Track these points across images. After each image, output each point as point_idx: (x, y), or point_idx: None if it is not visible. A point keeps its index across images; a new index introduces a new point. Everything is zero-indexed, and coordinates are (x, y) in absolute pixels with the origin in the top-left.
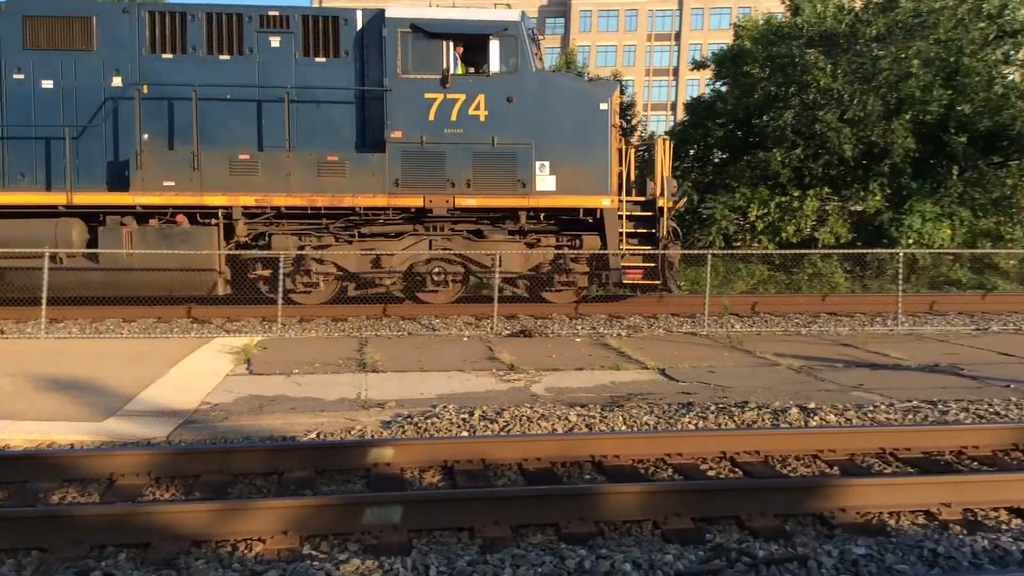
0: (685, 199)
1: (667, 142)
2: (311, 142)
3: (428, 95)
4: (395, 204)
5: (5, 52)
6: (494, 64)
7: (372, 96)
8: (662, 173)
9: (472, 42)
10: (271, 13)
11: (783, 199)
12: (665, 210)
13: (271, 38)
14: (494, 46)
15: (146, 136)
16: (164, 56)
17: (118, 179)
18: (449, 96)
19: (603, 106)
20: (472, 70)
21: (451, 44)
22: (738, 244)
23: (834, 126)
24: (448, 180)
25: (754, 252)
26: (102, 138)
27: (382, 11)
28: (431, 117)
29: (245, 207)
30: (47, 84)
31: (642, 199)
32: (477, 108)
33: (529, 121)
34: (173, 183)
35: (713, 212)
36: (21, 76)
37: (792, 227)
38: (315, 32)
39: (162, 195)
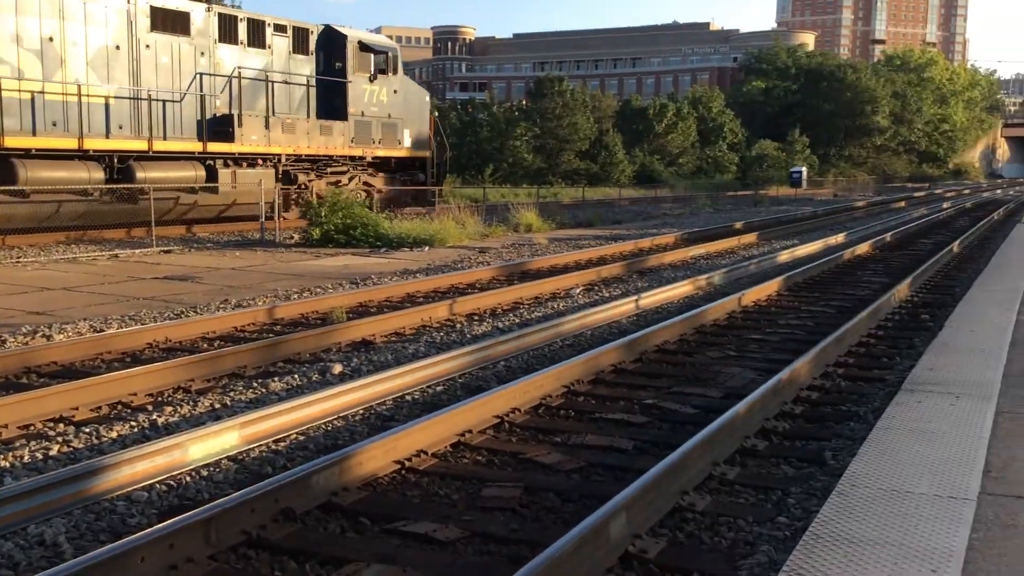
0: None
1: (434, 116)
2: (316, 114)
3: (364, 87)
4: (350, 154)
5: (135, 31)
6: (390, 70)
7: (334, 87)
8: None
9: (380, 55)
10: (272, 20)
11: None
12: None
13: (272, 33)
14: (391, 59)
15: (253, 105)
16: (228, 47)
17: (216, 135)
18: (371, 88)
19: (427, 98)
20: (376, 73)
21: (372, 56)
22: None
23: None
24: (371, 139)
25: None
26: (194, 105)
27: (328, 27)
28: (365, 100)
29: (287, 155)
30: (164, 60)
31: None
32: (382, 96)
33: (401, 105)
34: (255, 137)
35: None
36: (149, 51)
37: None
38: (295, 37)
39: (256, 147)
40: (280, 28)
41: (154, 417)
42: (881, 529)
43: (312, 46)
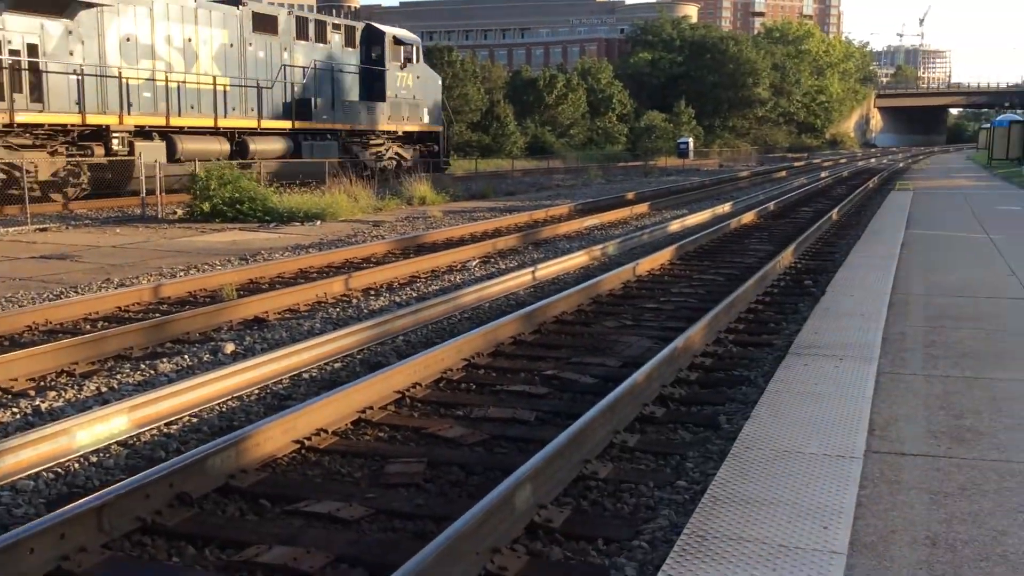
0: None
1: (444, 96)
2: (360, 96)
3: (396, 73)
4: (388, 128)
5: (243, 32)
6: (414, 59)
7: (375, 74)
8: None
9: (408, 47)
10: (333, 20)
11: None
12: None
13: (323, 29)
14: (415, 50)
15: (321, 91)
16: (301, 43)
17: (298, 114)
18: (401, 74)
19: (439, 82)
20: (404, 62)
21: (402, 47)
22: None
23: None
24: (402, 116)
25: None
26: (281, 91)
27: (368, 24)
28: (397, 84)
29: (346, 130)
30: (260, 55)
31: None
32: (408, 81)
33: (421, 87)
34: (325, 116)
35: None
36: (252, 48)
37: None
38: (346, 34)
39: (326, 124)
40: (336, 27)
41: (37, 403)
42: (775, 489)
43: (357, 40)
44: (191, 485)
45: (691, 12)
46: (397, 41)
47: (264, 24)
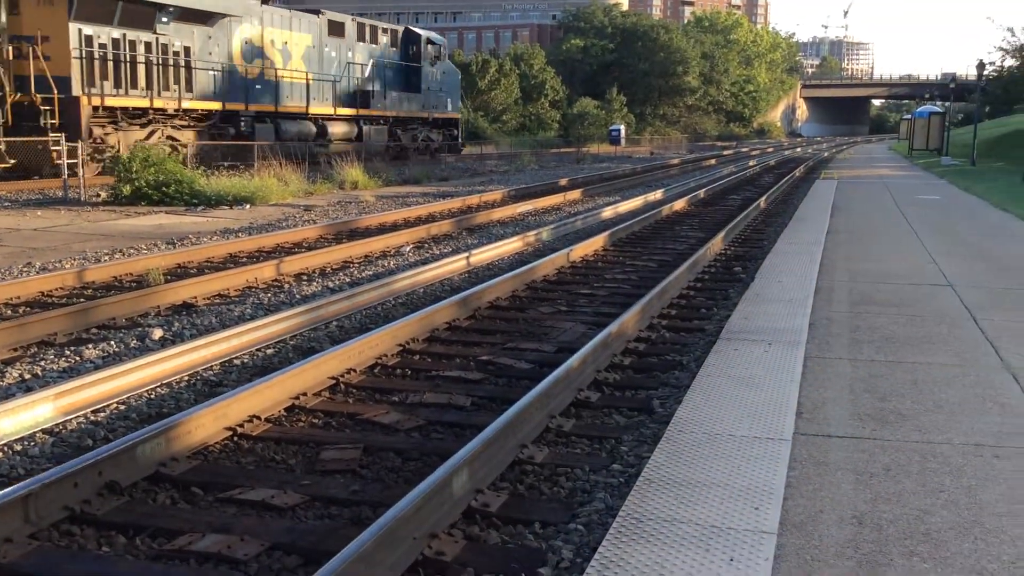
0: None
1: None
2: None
3: (428, 69)
4: (422, 116)
5: (322, 36)
6: (442, 57)
7: (413, 69)
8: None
9: (437, 47)
10: (383, 25)
11: None
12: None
13: (378, 33)
14: (442, 49)
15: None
16: (360, 44)
17: (361, 103)
18: (431, 70)
19: (459, 76)
20: (434, 59)
21: (432, 47)
22: None
23: None
24: (432, 105)
25: None
26: (349, 83)
27: (407, 28)
28: (429, 78)
29: (394, 117)
30: (333, 54)
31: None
32: (436, 76)
33: (445, 81)
34: (379, 105)
35: None
36: (327, 49)
37: None
38: (390, 36)
39: (380, 111)
40: (384, 30)
41: None
42: (708, 471)
43: (399, 41)
44: (121, 473)
45: (622, 0)
46: (429, 42)
47: (335, 29)
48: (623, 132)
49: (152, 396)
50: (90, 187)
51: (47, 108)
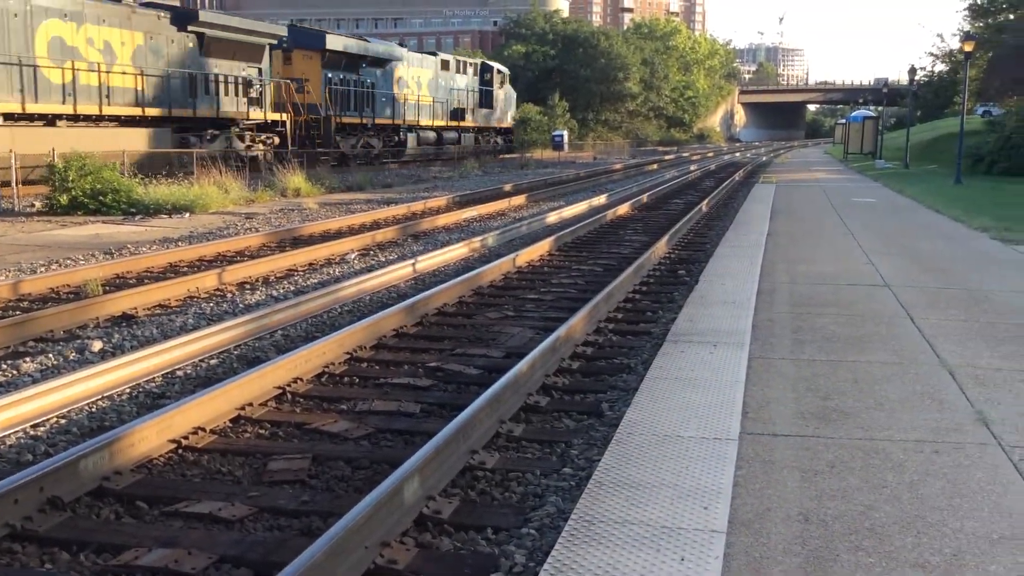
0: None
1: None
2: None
3: (497, 91)
4: (496, 126)
5: (437, 71)
6: (506, 83)
7: (487, 92)
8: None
9: (502, 75)
10: (470, 60)
11: None
12: (513, 128)
13: (466, 66)
14: (506, 76)
15: (467, 103)
16: (457, 75)
17: (458, 118)
18: (499, 92)
19: (514, 96)
20: (501, 84)
21: (499, 75)
22: None
23: None
24: (498, 118)
25: None
26: (451, 104)
27: (484, 61)
28: (497, 98)
29: (477, 127)
30: (443, 83)
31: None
32: (501, 95)
33: (507, 99)
34: (469, 119)
35: None
36: (440, 80)
37: None
38: (474, 68)
39: (470, 124)
40: (470, 64)
41: None
42: (657, 472)
43: (479, 71)
44: (63, 489)
45: (562, 6)
46: (499, 71)
47: (444, 65)
48: (566, 138)
49: (93, 410)
50: (23, 197)
51: (315, 127)
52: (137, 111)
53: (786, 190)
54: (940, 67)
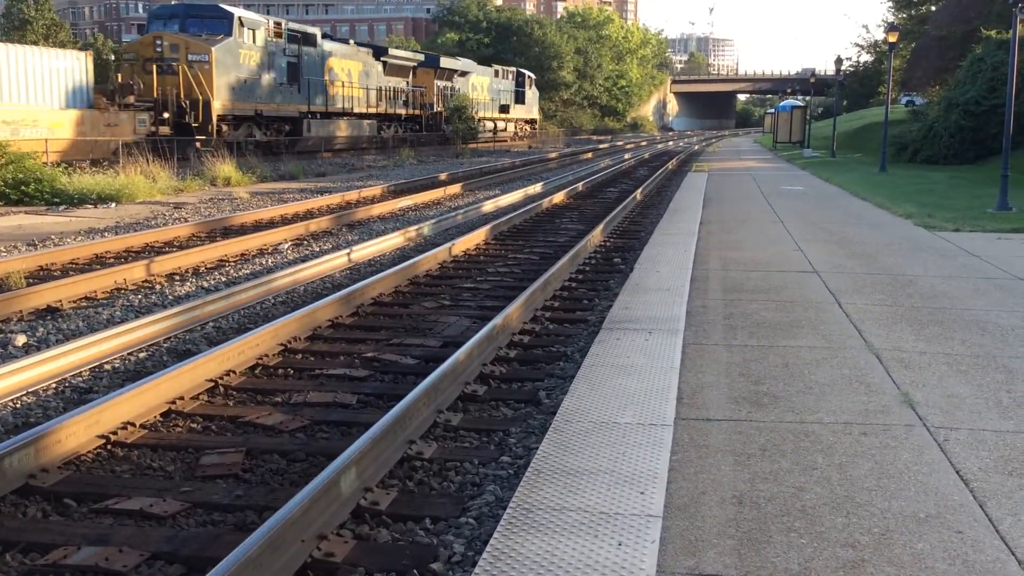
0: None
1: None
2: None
3: (527, 91)
4: (526, 117)
5: (491, 77)
6: (533, 85)
7: (521, 92)
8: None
9: (532, 78)
10: (508, 68)
11: None
12: (536, 120)
13: (508, 74)
14: (533, 80)
15: (510, 101)
16: (502, 80)
17: (503, 111)
18: (529, 92)
19: (537, 93)
20: (530, 86)
21: (530, 78)
22: None
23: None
24: (529, 111)
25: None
26: (499, 101)
27: (519, 69)
28: (528, 96)
29: (516, 119)
30: (495, 86)
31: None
32: (530, 94)
33: (534, 97)
34: (512, 113)
35: None
36: (493, 84)
37: None
38: (511, 75)
39: (513, 117)
40: (510, 71)
41: None
42: (595, 459)
43: (515, 75)
44: None
45: None
46: (528, 77)
47: (496, 74)
48: None
49: (18, 406)
50: None
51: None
52: (365, 109)
53: (718, 178)
54: (865, 57)
